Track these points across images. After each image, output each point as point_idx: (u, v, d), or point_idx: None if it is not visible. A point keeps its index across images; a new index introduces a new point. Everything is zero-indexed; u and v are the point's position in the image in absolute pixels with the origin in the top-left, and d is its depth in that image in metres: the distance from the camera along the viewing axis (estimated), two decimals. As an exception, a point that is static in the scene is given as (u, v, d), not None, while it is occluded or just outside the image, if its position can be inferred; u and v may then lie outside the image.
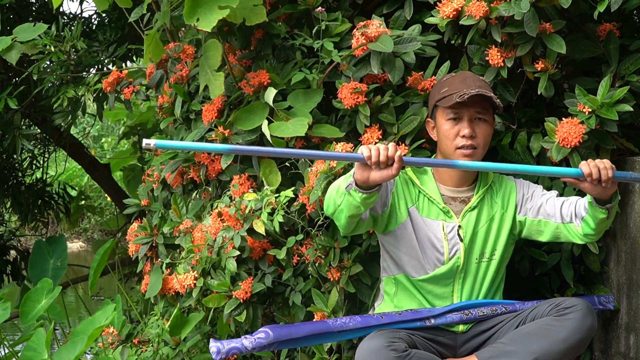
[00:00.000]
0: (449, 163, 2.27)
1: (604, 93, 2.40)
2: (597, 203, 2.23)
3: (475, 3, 2.44)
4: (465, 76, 2.38)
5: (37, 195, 5.52)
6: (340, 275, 2.62)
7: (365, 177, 2.10)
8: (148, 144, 1.99)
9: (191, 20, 2.48)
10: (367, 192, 2.13)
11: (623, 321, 2.63)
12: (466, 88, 2.30)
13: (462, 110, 2.32)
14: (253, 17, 2.57)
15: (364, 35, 2.50)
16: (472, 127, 2.33)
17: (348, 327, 2.35)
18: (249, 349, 2.27)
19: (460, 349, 2.42)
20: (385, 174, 2.08)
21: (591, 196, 2.22)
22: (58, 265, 4.54)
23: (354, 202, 2.15)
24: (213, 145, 2.14)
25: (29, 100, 4.21)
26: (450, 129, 2.34)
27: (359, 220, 2.27)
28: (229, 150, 2.17)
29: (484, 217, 2.40)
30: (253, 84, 2.71)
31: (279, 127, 2.56)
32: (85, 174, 9.54)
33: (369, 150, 2.06)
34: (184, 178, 3.05)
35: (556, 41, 2.44)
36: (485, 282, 2.41)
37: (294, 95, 2.70)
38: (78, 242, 10.55)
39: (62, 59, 3.58)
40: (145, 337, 3.06)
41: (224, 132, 2.73)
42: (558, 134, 2.42)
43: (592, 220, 2.27)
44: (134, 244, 3.02)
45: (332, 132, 2.61)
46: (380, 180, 2.09)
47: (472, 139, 2.33)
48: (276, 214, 2.50)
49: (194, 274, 2.64)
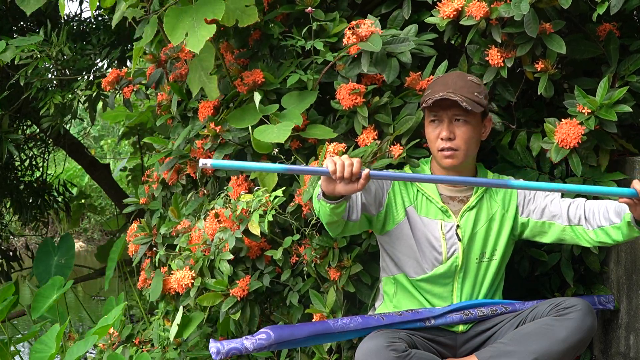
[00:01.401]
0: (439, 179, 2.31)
1: (603, 94, 2.40)
2: (637, 224, 2.19)
3: (475, 3, 2.44)
4: (447, 78, 2.36)
5: (37, 195, 5.52)
6: (340, 275, 2.62)
7: (330, 189, 2.11)
8: (205, 164, 1.99)
9: (175, 37, 2.43)
10: (333, 202, 2.15)
11: (623, 321, 2.63)
12: (444, 90, 2.29)
13: (441, 112, 2.32)
14: (245, 18, 2.55)
15: (354, 34, 2.50)
16: (450, 129, 2.31)
17: (349, 328, 2.35)
18: (250, 350, 2.27)
19: (460, 349, 2.42)
20: (350, 188, 2.09)
21: (632, 216, 2.17)
22: (62, 262, 4.55)
23: (325, 211, 2.18)
24: (270, 165, 2.13)
25: (18, 104, 4.21)
26: (432, 131, 2.34)
27: (346, 223, 2.28)
28: (283, 170, 2.10)
29: (483, 217, 2.39)
30: (247, 83, 2.71)
31: (264, 130, 2.54)
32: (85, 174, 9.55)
33: (334, 165, 2.06)
34: (179, 175, 3.06)
35: (556, 41, 2.44)
36: (485, 282, 2.41)
37: (288, 97, 2.70)
38: (78, 242, 10.55)
39: (48, 64, 3.58)
40: (146, 337, 3.06)
41: (215, 128, 2.75)
42: (557, 135, 2.42)
43: (621, 235, 2.24)
44: (133, 244, 3.02)
45: (326, 133, 2.60)
46: (346, 193, 2.10)
47: (450, 141, 2.31)
48: (267, 215, 2.50)
49: (192, 274, 2.64)
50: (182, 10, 2.47)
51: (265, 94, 2.72)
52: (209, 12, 2.42)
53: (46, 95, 3.71)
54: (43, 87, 3.75)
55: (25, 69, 3.56)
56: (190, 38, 2.40)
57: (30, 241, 7.94)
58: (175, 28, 2.43)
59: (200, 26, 2.40)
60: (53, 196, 5.65)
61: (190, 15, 2.44)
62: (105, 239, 10.08)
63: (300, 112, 2.61)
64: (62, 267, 4.55)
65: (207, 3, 2.44)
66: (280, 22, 2.88)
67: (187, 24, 2.43)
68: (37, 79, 3.68)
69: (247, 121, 2.63)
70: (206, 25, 2.41)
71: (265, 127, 2.56)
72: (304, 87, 2.71)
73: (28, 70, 3.56)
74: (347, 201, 2.19)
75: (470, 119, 2.33)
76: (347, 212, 2.26)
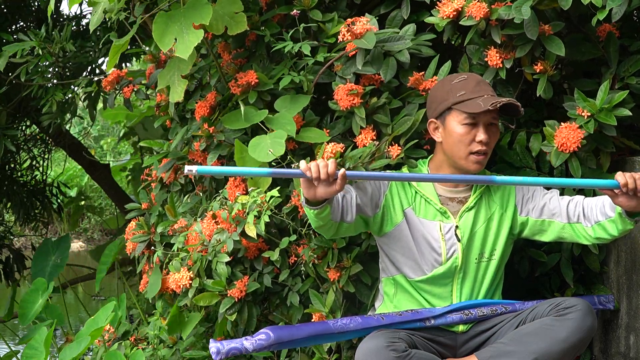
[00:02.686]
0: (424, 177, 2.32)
1: (603, 98, 2.39)
2: (628, 215, 2.20)
3: (475, 4, 2.44)
4: (477, 79, 2.34)
5: (36, 195, 5.51)
6: (340, 276, 2.62)
7: (311, 194, 2.12)
8: (190, 170, 1.99)
9: (164, 43, 2.43)
10: (316, 207, 2.16)
11: (623, 321, 2.63)
12: (484, 93, 2.28)
13: (480, 115, 2.29)
14: (234, 25, 2.54)
15: (349, 31, 2.50)
16: (488, 134, 2.31)
17: (349, 328, 2.35)
18: (250, 350, 2.27)
19: (460, 349, 2.42)
20: (330, 190, 2.10)
21: (622, 208, 2.18)
22: (58, 262, 4.55)
23: (311, 216, 2.19)
24: (255, 170, 2.16)
25: (17, 100, 4.20)
26: (466, 133, 2.30)
27: (340, 224, 2.28)
28: (270, 174, 2.11)
29: (482, 217, 2.39)
30: (241, 84, 2.70)
31: (258, 143, 2.53)
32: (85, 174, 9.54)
33: (308, 168, 2.07)
34: (177, 175, 3.06)
35: (555, 43, 2.43)
36: (484, 282, 2.41)
37: (281, 100, 2.69)
38: (78, 242, 10.56)
39: (50, 61, 3.58)
40: (141, 335, 3.07)
41: (209, 129, 2.75)
42: (557, 139, 2.41)
43: (615, 229, 2.24)
44: (131, 242, 3.03)
45: (320, 137, 2.58)
46: (327, 196, 2.11)
47: (487, 146, 2.31)
48: (263, 215, 2.50)
49: (190, 274, 2.64)
50: (171, 15, 2.48)
51: (260, 95, 2.71)
52: (197, 17, 2.42)
53: (47, 93, 3.70)
54: (43, 85, 3.74)
55: (26, 65, 3.55)
56: (179, 44, 2.41)
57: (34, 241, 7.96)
58: (164, 34, 2.44)
59: (189, 32, 2.41)
60: (47, 197, 5.64)
61: (179, 20, 2.44)
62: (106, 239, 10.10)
63: (293, 115, 2.60)
64: (58, 266, 4.54)
65: (195, 8, 2.44)
66: (278, 22, 2.88)
67: (176, 29, 2.44)
68: (38, 76, 3.68)
69: (242, 123, 2.63)
70: (194, 31, 2.42)
71: (258, 139, 2.55)
72: (300, 88, 2.70)
73: (29, 67, 3.56)
74: (330, 205, 2.19)
75: (497, 122, 2.35)
76: (338, 214, 2.26)
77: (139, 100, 4.56)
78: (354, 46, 2.54)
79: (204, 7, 2.43)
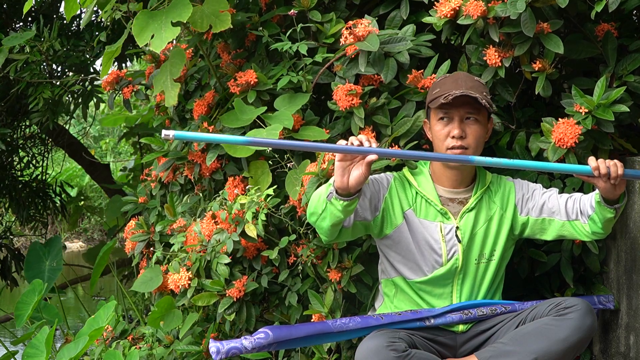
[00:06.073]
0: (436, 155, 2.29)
1: (600, 93, 2.39)
2: (606, 203, 2.22)
3: (472, 3, 2.43)
4: (457, 77, 2.36)
5: (36, 195, 5.51)
6: (341, 276, 2.62)
7: (345, 181, 2.11)
8: (167, 135, 2.00)
9: (142, 39, 2.47)
10: (347, 199, 2.15)
11: (623, 321, 2.63)
12: (456, 89, 2.29)
13: (452, 110, 2.32)
14: (219, 24, 2.57)
15: (352, 34, 2.50)
16: (462, 128, 2.31)
17: (348, 328, 2.34)
18: (249, 349, 2.27)
19: (460, 349, 2.42)
20: (357, 176, 2.10)
21: (600, 195, 2.22)
22: (54, 266, 4.54)
23: (335, 211, 2.18)
24: (233, 137, 2.15)
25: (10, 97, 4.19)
26: (441, 129, 2.34)
27: (341, 228, 2.28)
28: (247, 142, 2.12)
29: (482, 218, 2.39)
30: (240, 84, 2.70)
31: (254, 135, 2.54)
32: (85, 174, 9.55)
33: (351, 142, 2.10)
34: (175, 174, 3.06)
35: (553, 41, 2.43)
36: (484, 283, 2.41)
37: (280, 99, 2.70)
38: (78, 242, 10.56)
39: (39, 59, 3.58)
40: (138, 334, 3.07)
41: (208, 127, 2.75)
42: (554, 134, 2.42)
43: (599, 219, 2.27)
44: (130, 241, 3.02)
45: (319, 135, 2.60)
46: (356, 185, 2.11)
47: (462, 140, 2.31)
48: (260, 215, 2.50)
49: (189, 275, 2.64)
50: (152, 13, 2.52)
51: (259, 94, 2.71)
52: (176, 15, 2.46)
53: (36, 90, 3.70)
54: (33, 82, 3.74)
55: (15, 63, 3.56)
56: (155, 39, 2.45)
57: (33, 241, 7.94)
58: (143, 30, 2.48)
59: (167, 29, 2.45)
60: (50, 197, 5.64)
61: (159, 18, 2.49)
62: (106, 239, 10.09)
63: (292, 112, 2.61)
64: (55, 270, 4.53)
65: (176, 7, 2.48)
66: (277, 23, 2.87)
67: (155, 26, 2.47)
68: (28, 73, 3.69)
69: (241, 121, 2.63)
70: (172, 28, 2.45)
71: (254, 132, 2.56)
72: (299, 88, 2.70)
73: (18, 64, 3.57)
74: (359, 198, 2.19)
75: (480, 118, 2.34)
76: (364, 211, 2.27)
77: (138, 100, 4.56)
78: (355, 48, 2.54)
79: (184, 5, 2.47)
